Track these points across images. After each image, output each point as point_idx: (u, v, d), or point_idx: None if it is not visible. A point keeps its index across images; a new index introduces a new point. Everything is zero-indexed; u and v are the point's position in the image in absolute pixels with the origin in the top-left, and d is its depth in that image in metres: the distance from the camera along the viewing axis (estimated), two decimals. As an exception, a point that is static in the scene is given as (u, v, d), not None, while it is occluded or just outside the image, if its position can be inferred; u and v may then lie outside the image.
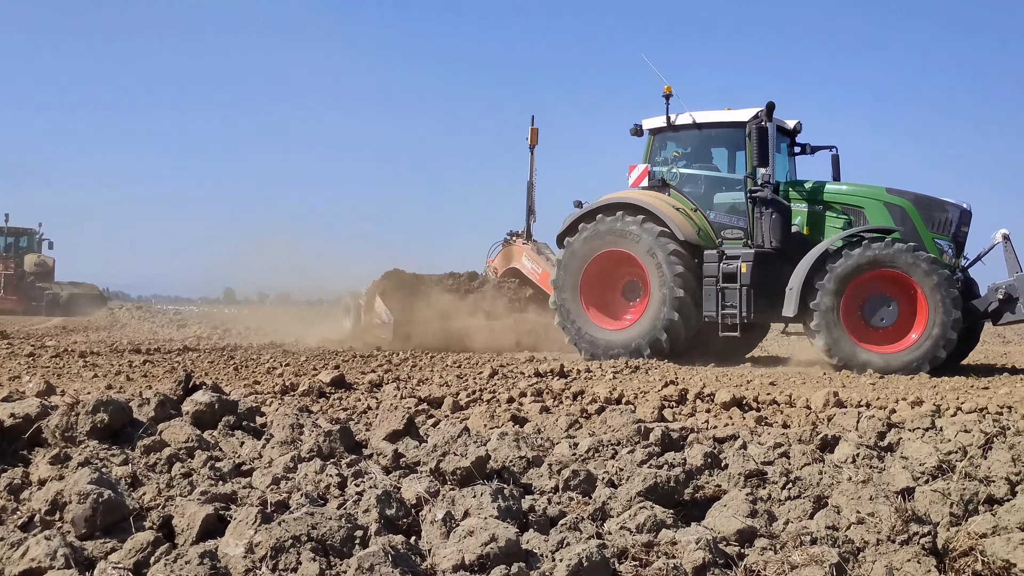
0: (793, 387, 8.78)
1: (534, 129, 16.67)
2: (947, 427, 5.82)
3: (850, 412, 6.26)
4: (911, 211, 12.87)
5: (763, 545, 3.34)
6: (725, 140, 14.12)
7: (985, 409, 7.31)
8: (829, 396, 7.32)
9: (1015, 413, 7.24)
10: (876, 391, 8.62)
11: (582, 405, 7.02)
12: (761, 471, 4.52)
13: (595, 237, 13.50)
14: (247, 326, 22.91)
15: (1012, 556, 3.03)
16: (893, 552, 3.20)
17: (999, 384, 9.81)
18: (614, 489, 4.09)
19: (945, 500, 3.87)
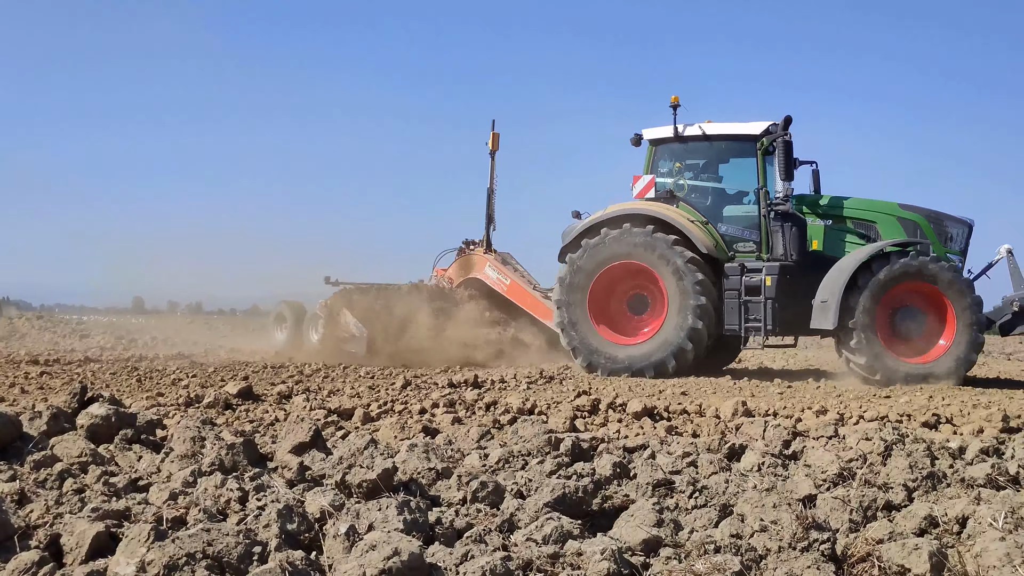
0: (704, 397, 8.89)
1: (495, 134, 16.11)
2: (850, 435, 5.97)
3: (757, 421, 6.37)
4: (924, 226, 13.13)
5: (668, 554, 3.35)
6: (734, 152, 13.87)
7: (886, 418, 7.51)
8: (738, 405, 7.43)
9: (914, 421, 7.44)
10: (783, 400, 8.78)
11: (495, 416, 6.99)
12: (669, 480, 4.55)
13: (606, 249, 13.07)
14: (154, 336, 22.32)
15: (907, 561, 3.09)
16: (794, 559, 3.24)
17: (900, 393, 10.09)
18: (523, 500, 4.07)
19: (845, 507, 3.93)
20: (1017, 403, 9.27)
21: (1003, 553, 3.08)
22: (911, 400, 9.09)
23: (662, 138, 13.81)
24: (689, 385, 10.30)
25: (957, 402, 9.04)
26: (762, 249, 13.24)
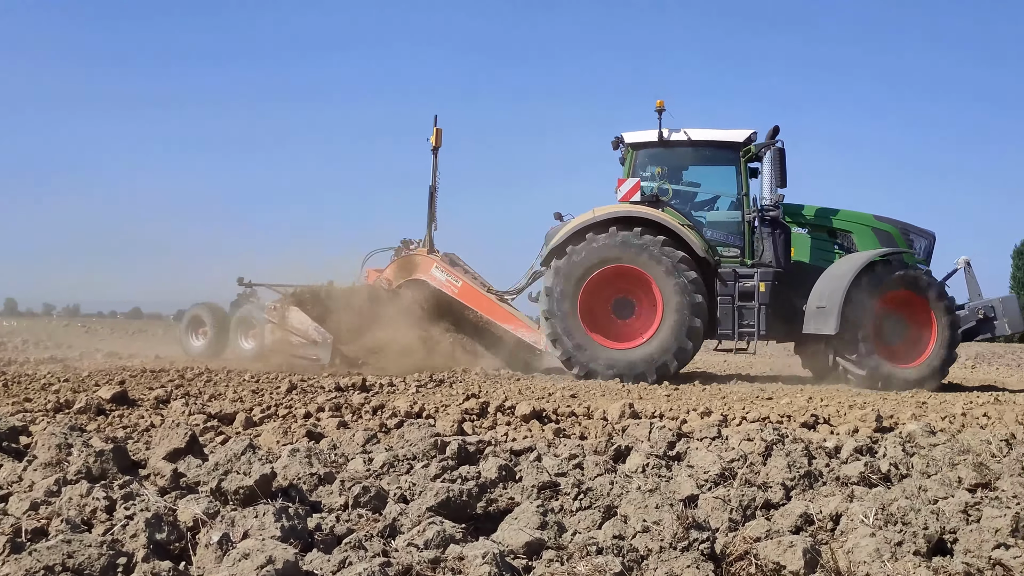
0: (592, 399, 8.95)
1: (438, 130, 15.43)
2: (732, 436, 6.07)
3: (643, 423, 6.42)
4: (897, 237, 13.78)
5: (550, 557, 3.33)
6: (717, 159, 14.10)
7: (767, 419, 7.68)
8: (625, 407, 7.50)
9: (794, 422, 7.64)
10: (670, 402, 8.91)
11: (382, 419, 6.89)
12: (555, 483, 4.54)
13: (595, 254, 13.01)
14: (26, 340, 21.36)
15: (782, 558, 3.14)
16: (674, 559, 3.25)
17: (782, 395, 10.36)
18: (406, 505, 3.99)
19: (725, 506, 3.99)
20: (890, 404, 9.63)
21: (873, 549, 3.15)
22: (792, 401, 9.34)
23: (645, 142, 13.93)
24: (579, 388, 10.37)
25: (835, 403, 9.33)
26: (745, 255, 13.53)
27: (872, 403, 9.58)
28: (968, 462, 5.16)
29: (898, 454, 5.63)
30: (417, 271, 15.18)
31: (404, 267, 15.28)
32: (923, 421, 7.53)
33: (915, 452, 5.82)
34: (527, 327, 14.60)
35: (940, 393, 11.74)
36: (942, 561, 3.15)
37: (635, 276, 13.01)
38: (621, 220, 13.04)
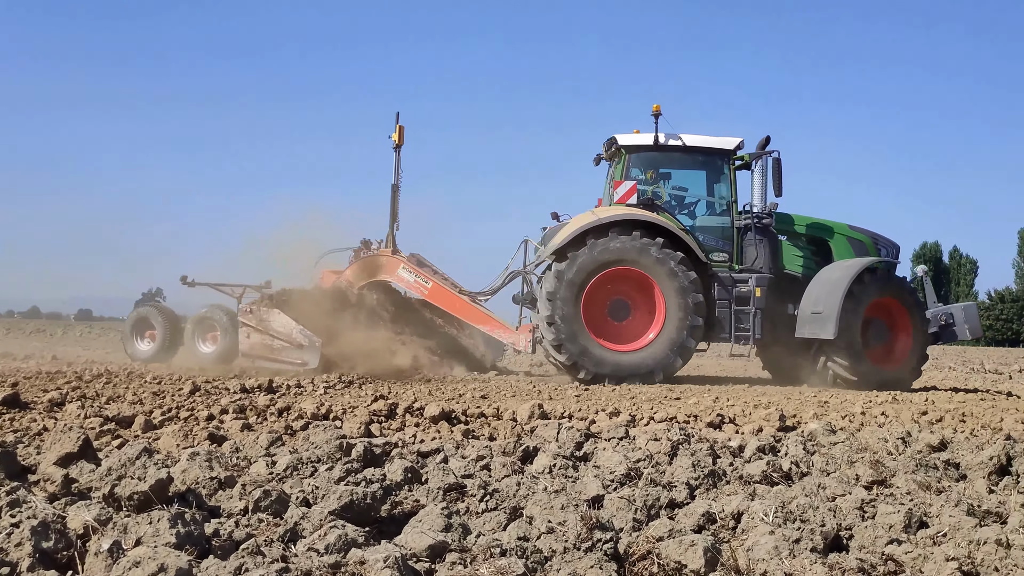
0: (503, 400, 8.94)
1: (400, 127, 15.02)
2: (639, 436, 6.12)
3: (552, 424, 6.43)
4: (870, 246, 14.43)
5: (454, 560, 3.29)
6: (708, 165, 14.26)
7: (674, 418, 7.77)
8: (535, 408, 7.50)
9: (700, 421, 7.75)
10: (580, 403, 8.95)
11: (287, 422, 6.76)
12: (461, 484, 4.51)
13: (597, 257, 13.04)
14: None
15: (683, 557, 3.16)
16: (578, 560, 3.25)
17: (690, 395, 10.51)
18: (308, 509, 3.91)
19: (630, 506, 4.00)
20: (794, 403, 9.85)
21: (772, 547, 3.20)
22: (699, 401, 9.48)
23: (640, 145, 14.03)
24: (490, 388, 10.35)
25: (740, 403, 9.50)
26: (733, 260, 13.82)
27: (776, 403, 9.78)
28: (866, 460, 5.30)
29: (799, 453, 5.75)
30: (382, 272, 14.71)
31: (367, 268, 14.72)
32: (824, 420, 7.71)
33: (816, 451, 5.95)
34: (504, 328, 14.47)
35: (841, 393, 12.05)
36: (838, 557, 3.21)
37: (635, 278, 13.21)
38: (619, 223, 13.14)
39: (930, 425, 8.04)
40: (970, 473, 5.48)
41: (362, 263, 14.69)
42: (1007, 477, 5.46)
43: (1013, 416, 8.98)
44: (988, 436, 7.22)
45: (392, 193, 14.86)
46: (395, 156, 14.93)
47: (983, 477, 5.30)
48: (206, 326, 14.07)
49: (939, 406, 10.04)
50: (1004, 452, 5.83)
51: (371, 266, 14.71)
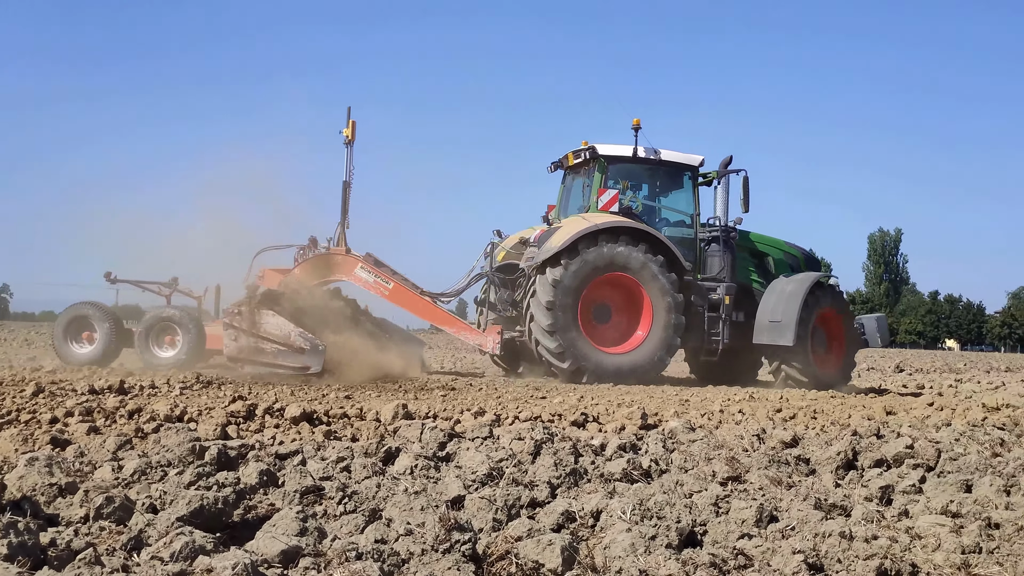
0: (367, 400, 8.81)
1: (352, 122, 14.40)
2: (503, 436, 6.11)
3: (415, 424, 6.36)
4: (802, 260, 15.78)
5: (307, 565, 3.19)
6: (675, 179, 15.10)
7: (539, 417, 7.81)
8: (398, 408, 7.41)
9: (564, 420, 7.81)
10: (445, 402, 8.90)
11: (138, 424, 6.46)
12: (319, 487, 4.41)
13: (590, 264, 13.48)
14: None
15: (541, 557, 3.15)
16: (435, 561, 3.20)
17: (556, 394, 10.59)
18: (155, 515, 3.74)
19: (491, 506, 3.98)
20: (656, 402, 10.05)
21: (628, 544, 3.22)
22: (564, 400, 9.56)
23: (618, 156, 14.63)
24: (354, 389, 10.19)
25: (604, 402, 9.63)
26: (696, 270, 14.63)
27: (639, 401, 9.95)
28: (722, 457, 5.43)
29: (659, 450, 5.84)
30: (337, 272, 13.98)
31: (319, 267, 13.89)
32: (684, 418, 7.89)
33: (675, 448, 6.06)
34: (470, 330, 14.41)
35: (702, 391, 12.37)
36: (692, 553, 3.25)
37: (621, 282, 13.86)
38: (607, 230, 13.66)
39: (784, 422, 8.33)
40: (819, 468, 5.68)
41: (314, 261, 13.90)
42: (852, 471, 5.69)
43: (860, 412, 9.40)
44: (836, 432, 7.51)
45: (343, 190, 14.28)
46: (347, 152, 14.40)
47: (831, 472, 5.51)
48: (163, 328, 12.81)
49: (793, 404, 10.42)
50: (851, 447, 6.08)
51: (324, 265, 13.97)
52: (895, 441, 6.34)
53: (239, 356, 12.15)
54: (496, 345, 13.99)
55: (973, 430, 7.81)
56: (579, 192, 15.22)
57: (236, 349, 12.10)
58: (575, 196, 15.37)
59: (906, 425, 8.02)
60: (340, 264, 13.98)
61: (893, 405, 10.58)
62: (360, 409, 7.71)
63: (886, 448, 6.19)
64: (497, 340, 13.94)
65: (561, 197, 15.79)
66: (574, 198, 15.37)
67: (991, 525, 4.10)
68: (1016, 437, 7.64)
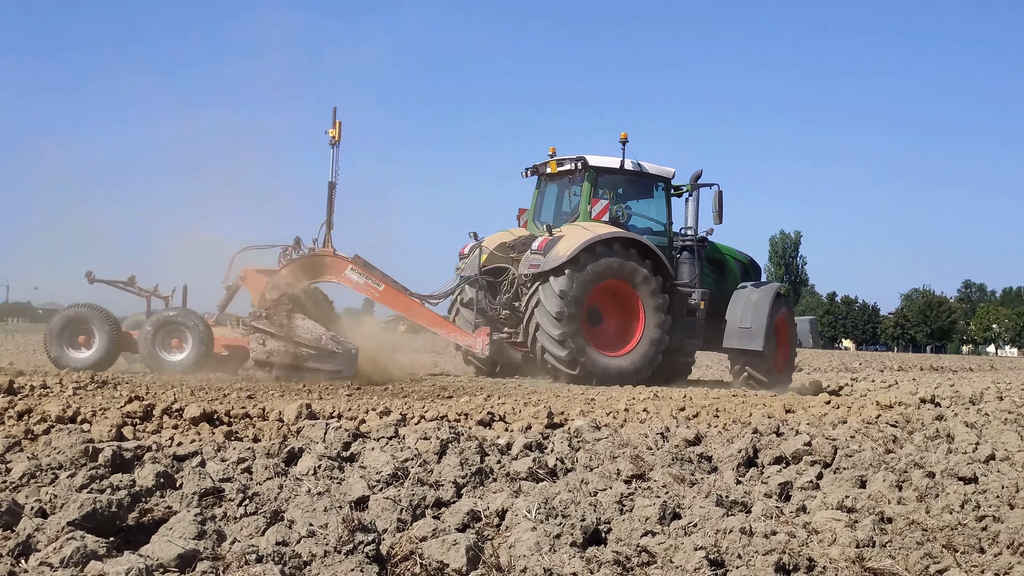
0: (270, 400, 8.64)
1: (338, 123, 14.08)
2: (409, 435, 6.06)
3: (319, 424, 6.27)
4: (749, 266, 16.76)
5: (205, 568, 3.11)
6: (652, 190, 15.91)
7: (445, 417, 7.77)
8: (302, 408, 7.29)
9: (471, 420, 7.79)
10: (350, 402, 8.79)
11: (28, 425, 6.21)
12: (219, 488, 4.30)
13: (590, 273, 13.95)
14: None
15: (446, 557, 3.12)
16: (338, 563, 3.15)
17: (462, 393, 10.57)
18: (44, 519, 3.59)
19: (395, 507, 3.94)
20: (563, 401, 10.11)
21: (533, 542, 3.22)
22: (471, 400, 9.53)
23: (607, 167, 15.25)
24: (257, 388, 9.98)
25: (511, 401, 9.64)
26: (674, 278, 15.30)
27: (546, 400, 10.00)
28: (627, 455, 5.49)
29: (565, 449, 5.87)
30: (326, 273, 13.69)
31: (308, 269, 13.53)
32: (590, 417, 7.95)
33: (581, 447, 6.11)
34: (460, 332, 14.49)
35: (607, 390, 12.49)
36: (596, 551, 3.27)
37: (616, 289, 14.48)
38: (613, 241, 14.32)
39: (687, 420, 8.45)
40: (721, 465, 5.79)
41: (301, 263, 13.50)
42: (753, 468, 5.81)
43: (761, 411, 9.61)
44: (738, 430, 7.67)
45: (329, 191, 13.92)
46: (332, 152, 14.01)
47: (732, 469, 5.61)
48: (169, 331, 12.27)
49: (696, 402, 10.60)
50: (751, 445, 6.21)
51: (313, 266, 13.65)
52: (794, 439, 6.51)
53: (268, 360, 12.02)
54: (485, 347, 14.19)
55: (868, 427, 8.07)
56: (560, 199, 15.91)
57: (264, 353, 12.00)
58: (555, 202, 15.97)
59: (804, 423, 8.23)
60: (330, 265, 13.70)
61: (792, 403, 10.85)
62: (263, 409, 7.56)
63: (785, 445, 6.35)
64: (486, 342, 14.15)
65: (536, 202, 16.21)
66: (554, 204, 15.99)
67: (884, 519, 4.23)
68: (908, 434, 7.92)
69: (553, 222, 15.32)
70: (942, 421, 9.19)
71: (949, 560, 3.43)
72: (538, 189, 16.23)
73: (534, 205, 16.17)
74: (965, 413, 10.28)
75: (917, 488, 5.03)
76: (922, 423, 8.96)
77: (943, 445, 7.05)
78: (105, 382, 9.52)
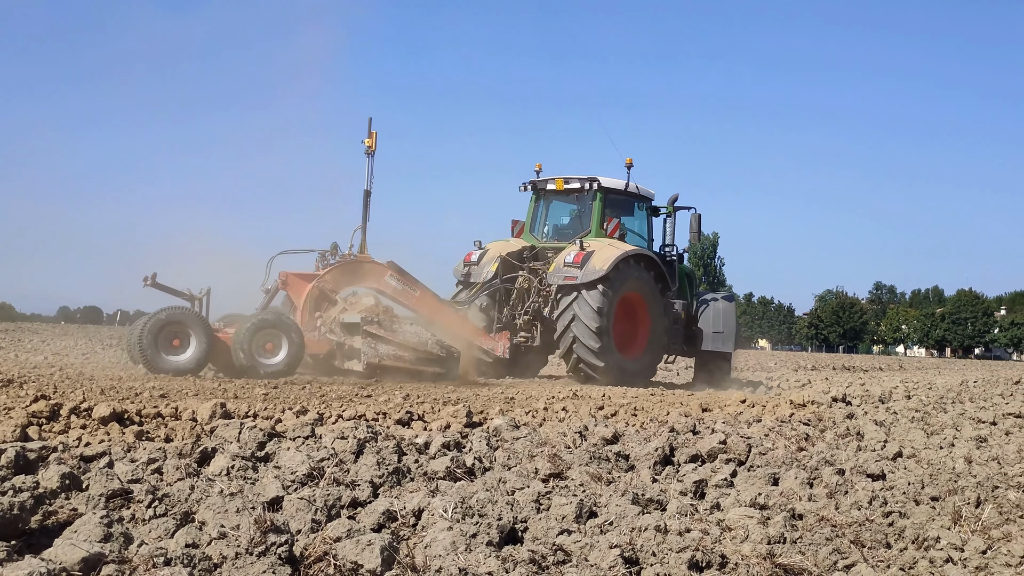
0: (183, 399, 8.44)
1: (373, 133, 14.55)
2: (326, 435, 5.98)
3: (234, 423, 6.15)
4: (692, 276, 18.25)
5: (110, 572, 3.02)
6: (641, 210, 17.28)
7: (363, 416, 7.70)
8: (216, 407, 7.13)
9: (389, 419, 7.73)
10: (266, 401, 8.64)
11: (-75, 426, 5.97)
12: (127, 490, 4.18)
13: (623, 282, 15.42)
14: None
15: (360, 557, 3.09)
16: (250, 565, 3.09)
17: (381, 392, 10.48)
18: (-60, 525, 3.45)
19: (310, 507, 3.88)
20: (482, 400, 10.10)
21: (449, 542, 3.20)
22: (389, 399, 9.46)
23: (614, 188, 16.54)
24: (170, 388, 9.75)
25: (430, 400, 9.59)
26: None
27: (466, 399, 9.98)
28: (545, 454, 5.50)
29: (483, 448, 5.87)
30: (367, 279, 14.09)
31: (348, 274, 13.92)
32: (509, 416, 7.95)
33: (499, 446, 6.11)
34: (484, 335, 15.16)
35: (527, 388, 12.54)
36: (512, 550, 3.26)
37: (630, 299, 15.89)
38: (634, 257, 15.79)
39: (605, 419, 8.52)
40: (638, 464, 5.84)
41: (343, 268, 13.88)
42: (669, 466, 5.88)
43: (678, 409, 9.74)
44: (655, 429, 7.75)
45: (364, 199, 14.40)
46: (368, 162, 14.54)
47: (649, 467, 5.67)
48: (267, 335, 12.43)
49: (615, 401, 10.69)
50: (668, 443, 6.29)
51: (353, 272, 14.06)
52: (709, 437, 6.61)
53: (379, 364, 12.74)
54: (506, 350, 15.09)
55: (781, 426, 8.24)
56: (565, 214, 17.43)
57: (376, 357, 12.71)
58: (561, 218, 17.48)
59: (720, 421, 8.36)
60: (369, 272, 14.21)
61: (708, 402, 11.02)
62: (175, 408, 7.38)
63: (701, 444, 6.44)
64: (507, 345, 15.14)
65: (535, 216, 17.30)
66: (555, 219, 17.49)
67: (795, 516, 4.32)
68: (820, 432, 8.11)
69: (552, 236, 17.07)
70: (852, 420, 9.44)
71: (856, 555, 3.52)
72: (537, 203, 17.33)
73: (532, 218, 17.29)
74: (875, 412, 10.58)
75: (827, 485, 5.15)
76: (834, 421, 9.19)
77: (853, 443, 7.24)
78: (10, 380, 9.21)
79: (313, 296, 13.33)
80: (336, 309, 13.41)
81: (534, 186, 17.17)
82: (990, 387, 18.58)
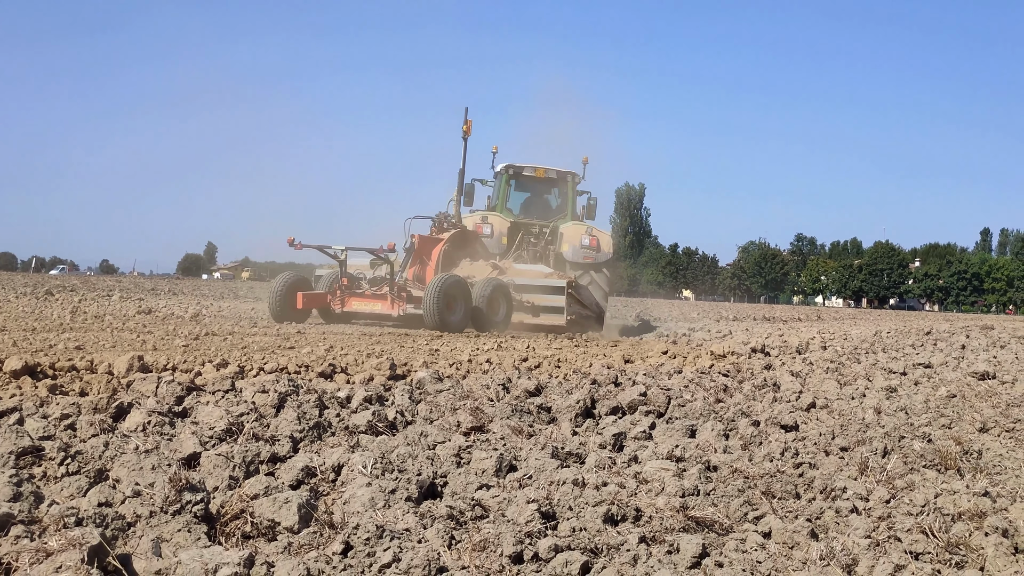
0: (99, 351, 8.26)
1: (469, 121, 17.60)
2: (246, 388, 5.91)
3: (151, 377, 6.03)
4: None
5: (19, 533, 2.95)
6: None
7: (285, 369, 7.62)
8: (134, 360, 6.99)
9: (311, 372, 7.66)
10: (186, 354, 8.49)
11: None
12: (38, 447, 4.08)
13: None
14: None
15: (277, 515, 3.07)
16: (164, 523, 3.05)
17: (304, 344, 10.38)
18: None
19: (228, 463, 3.84)
20: (406, 352, 10.08)
21: (368, 498, 3.20)
22: (312, 351, 9.37)
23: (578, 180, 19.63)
24: (86, 340, 9.53)
25: (354, 352, 9.54)
26: None
27: (390, 351, 9.94)
28: (467, 407, 5.51)
29: (405, 401, 5.86)
30: (468, 247, 17.27)
31: (459, 240, 17.12)
32: (433, 368, 7.95)
33: (422, 399, 6.10)
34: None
35: (452, 341, 12.55)
36: (431, 505, 3.28)
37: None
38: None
39: (529, 371, 8.57)
40: (559, 416, 5.90)
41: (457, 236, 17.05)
42: (590, 419, 5.95)
43: (601, 361, 9.85)
44: (578, 380, 7.83)
45: (459, 177, 17.75)
46: (464, 145, 17.71)
47: (570, 420, 5.73)
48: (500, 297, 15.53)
49: (539, 353, 10.77)
50: (589, 396, 6.36)
51: (464, 239, 17.34)
52: (630, 389, 6.69)
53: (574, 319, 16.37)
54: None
55: (701, 377, 8.39)
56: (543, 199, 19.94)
57: (572, 313, 16.31)
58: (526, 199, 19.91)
59: (642, 373, 8.47)
60: (471, 241, 17.54)
61: (631, 353, 11.17)
62: (91, 361, 7.22)
63: (622, 396, 6.52)
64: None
65: (503, 194, 19.30)
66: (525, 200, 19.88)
67: (710, 468, 4.41)
68: (738, 383, 8.28)
69: (521, 214, 19.45)
70: (770, 371, 9.66)
71: (766, 507, 3.61)
72: (506, 185, 19.47)
73: (501, 196, 19.31)
74: (792, 362, 10.84)
75: (743, 437, 5.27)
76: (752, 372, 9.39)
77: (769, 394, 7.40)
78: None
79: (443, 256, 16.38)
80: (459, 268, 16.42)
81: (512, 170, 19.44)
82: (902, 338, 19.15)
